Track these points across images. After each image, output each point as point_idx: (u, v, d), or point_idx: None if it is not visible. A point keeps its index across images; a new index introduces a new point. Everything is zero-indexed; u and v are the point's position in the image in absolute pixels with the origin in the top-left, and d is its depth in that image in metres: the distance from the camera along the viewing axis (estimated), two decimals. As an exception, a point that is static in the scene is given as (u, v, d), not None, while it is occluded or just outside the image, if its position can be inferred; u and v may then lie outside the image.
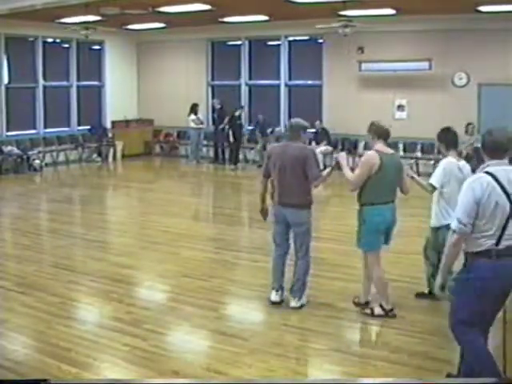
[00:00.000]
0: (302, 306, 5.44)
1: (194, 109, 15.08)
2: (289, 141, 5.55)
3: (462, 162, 5.29)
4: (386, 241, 5.29)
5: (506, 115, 11.37)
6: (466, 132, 12.34)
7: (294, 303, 5.45)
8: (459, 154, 5.44)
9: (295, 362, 4.56)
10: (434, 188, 5.25)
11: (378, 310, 5.24)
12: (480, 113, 12.53)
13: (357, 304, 5.46)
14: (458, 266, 3.73)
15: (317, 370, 4.43)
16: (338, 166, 5.42)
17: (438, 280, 3.78)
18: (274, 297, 5.54)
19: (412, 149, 13.29)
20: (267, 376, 4.22)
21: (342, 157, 5.46)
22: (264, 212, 5.73)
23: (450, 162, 5.24)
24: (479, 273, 3.51)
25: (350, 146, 13.75)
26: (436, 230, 5.31)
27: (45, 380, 2.20)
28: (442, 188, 5.21)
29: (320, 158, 5.66)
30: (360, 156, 5.53)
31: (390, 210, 5.19)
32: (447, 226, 4.70)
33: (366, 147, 13.77)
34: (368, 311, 5.28)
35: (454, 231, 3.56)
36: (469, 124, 12.31)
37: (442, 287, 3.97)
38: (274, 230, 5.60)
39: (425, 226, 5.64)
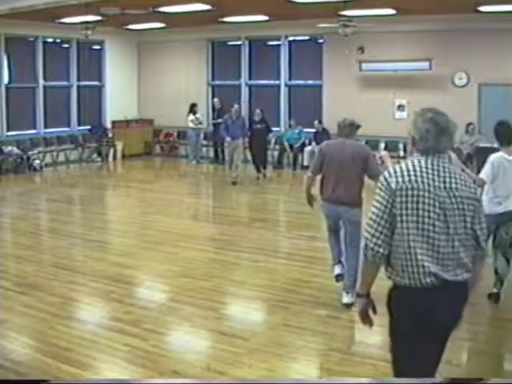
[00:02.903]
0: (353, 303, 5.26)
1: (192, 109, 15.07)
2: (344, 138, 5.53)
3: None
4: None
5: (506, 115, 11.35)
6: (467, 132, 12.36)
7: (346, 299, 5.42)
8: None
9: (295, 362, 4.55)
10: (484, 182, 5.37)
11: None
12: (480, 113, 12.52)
13: None
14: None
15: (317, 370, 4.42)
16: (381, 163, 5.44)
17: None
18: (337, 270, 5.63)
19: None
20: (267, 376, 4.21)
21: (386, 155, 5.48)
22: (311, 200, 5.74)
23: (498, 156, 5.39)
24: None
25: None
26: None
27: (45, 381, 2.20)
28: (493, 182, 5.35)
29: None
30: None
31: None
32: (494, 215, 5.14)
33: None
34: None
35: None
36: (469, 124, 12.32)
37: None
38: (327, 222, 5.67)
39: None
